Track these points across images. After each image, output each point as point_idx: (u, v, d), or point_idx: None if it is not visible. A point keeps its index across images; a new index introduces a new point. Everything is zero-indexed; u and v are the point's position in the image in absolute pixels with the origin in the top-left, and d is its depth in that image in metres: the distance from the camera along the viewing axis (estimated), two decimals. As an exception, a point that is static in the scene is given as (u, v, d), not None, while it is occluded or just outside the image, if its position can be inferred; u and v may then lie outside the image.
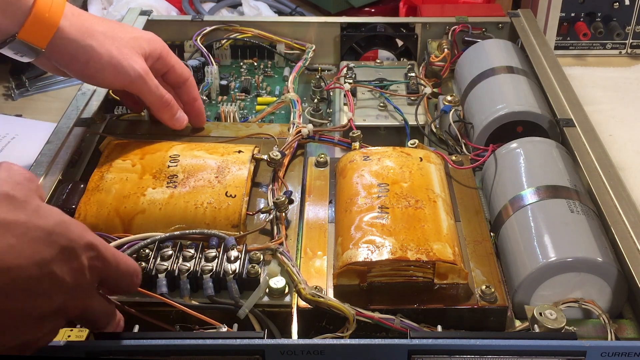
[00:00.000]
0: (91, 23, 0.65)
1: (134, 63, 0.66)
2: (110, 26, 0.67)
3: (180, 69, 0.72)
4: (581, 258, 0.54)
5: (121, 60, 0.65)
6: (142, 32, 0.71)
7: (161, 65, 0.71)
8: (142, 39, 0.69)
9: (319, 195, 0.66)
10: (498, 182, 0.66)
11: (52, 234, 0.42)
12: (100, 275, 0.46)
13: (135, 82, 0.67)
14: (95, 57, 0.64)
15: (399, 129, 0.80)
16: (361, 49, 0.96)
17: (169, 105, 0.70)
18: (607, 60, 1.09)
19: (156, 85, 0.68)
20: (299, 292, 0.53)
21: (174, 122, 0.71)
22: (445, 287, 0.55)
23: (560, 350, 0.47)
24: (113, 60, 0.65)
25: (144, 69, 0.67)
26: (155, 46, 0.69)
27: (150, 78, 0.67)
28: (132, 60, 0.66)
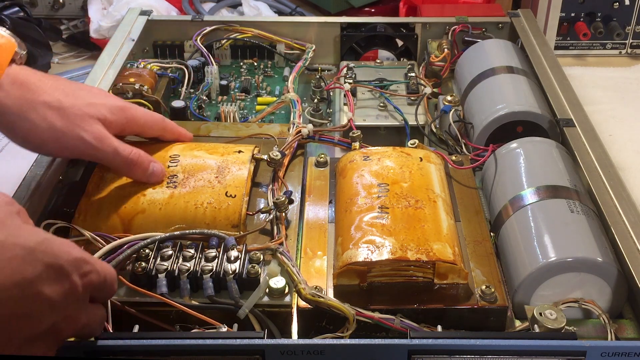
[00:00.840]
0: (33, 94, 0.58)
1: (83, 133, 0.59)
2: (59, 94, 0.60)
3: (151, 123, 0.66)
4: (581, 258, 0.54)
5: (66, 132, 0.59)
6: (104, 97, 0.63)
7: (130, 129, 0.65)
8: (102, 106, 0.61)
9: (319, 195, 0.66)
10: (498, 182, 0.66)
11: (34, 252, 0.40)
12: (94, 289, 0.45)
13: (88, 152, 0.60)
14: (34, 131, 0.58)
15: (399, 129, 0.80)
16: (361, 49, 0.96)
17: (136, 164, 0.62)
18: (607, 60, 1.09)
19: (114, 150, 0.60)
20: (299, 292, 0.53)
21: (149, 177, 0.62)
22: (445, 287, 0.55)
23: (560, 350, 0.47)
24: (56, 134, 0.58)
25: (97, 136, 0.60)
26: (117, 116, 0.62)
27: (106, 144, 0.60)
28: (81, 129, 0.59)
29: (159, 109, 0.81)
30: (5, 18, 0.96)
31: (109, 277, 0.47)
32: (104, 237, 0.58)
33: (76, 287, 0.43)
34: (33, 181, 0.64)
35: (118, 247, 0.55)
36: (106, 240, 0.57)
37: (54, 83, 0.60)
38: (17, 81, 0.58)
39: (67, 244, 0.43)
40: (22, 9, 1.01)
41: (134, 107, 0.65)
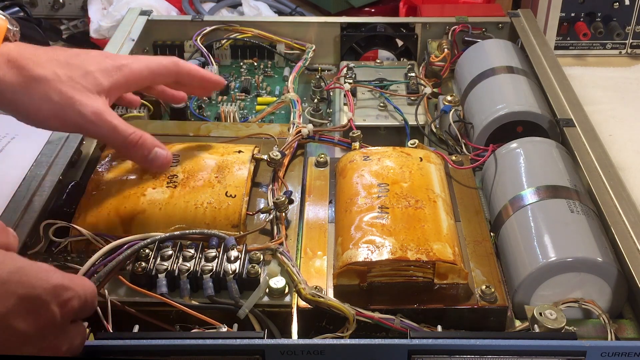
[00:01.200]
0: (29, 70, 0.57)
1: (80, 107, 0.57)
2: (55, 66, 0.58)
3: (159, 71, 0.63)
4: (581, 258, 0.54)
5: (64, 107, 0.57)
6: (99, 61, 0.60)
7: (136, 85, 0.63)
8: (98, 72, 0.59)
9: (319, 195, 0.66)
10: (498, 182, 0.66)
11: (6, 284, 0.39)
12: (75, 313, 0.44)
13: (86, 127, 0.58)
14: (34, 107, 0.57)
15: (399, 129, 0.80)
16: (361, 49, 0.96)
17: (136, 145, 0.59)
18: (607, 60, 1.09)
19: (113, 127, 0.58)
20: (299, 292, 0.53)
21: (148, 163, 0.61)
22: (445, 287, 0.55)
23: (560, 350, 0.47)
24: (55, 108, 0.57)
25: (95, 111, 0.57)
26: (114, 78, 0.60)
27: (104, 120, 0.58)
28: (79, 104, 0.57)
29: (159, 109, 0.81)
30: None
31: (90, 297, 0.45)
32: (104, 237, 0.58)
33: (55, 317, 0.41)
34: (33, 181, 0.64)
35: (118, 247, 0.55)
36: (106, 240, 0.57)
37: (49, 54, 0.59)
38: (12, 58, 0.57)
39: (45, 270, 0.41)
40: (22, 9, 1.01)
41: (133, 62, 0.62)
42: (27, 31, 0.99)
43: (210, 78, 0.67)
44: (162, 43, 0.95)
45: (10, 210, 0.61)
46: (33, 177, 0.65)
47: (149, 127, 0.75)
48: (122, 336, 0.48)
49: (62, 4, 1.15)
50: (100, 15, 1.07)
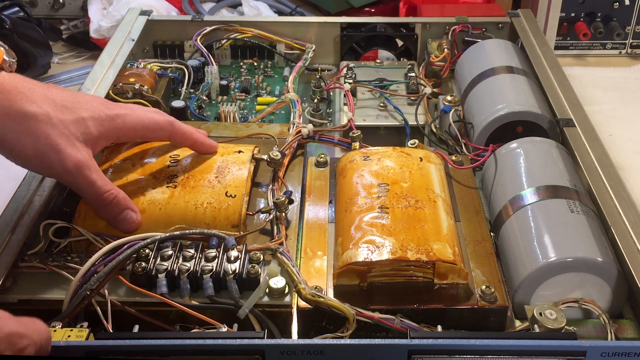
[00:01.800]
0: (22, 104, 0.55)
1: (64, 157, 0.56)
2: (48, 106, 0.56)
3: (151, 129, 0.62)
4: (581, 258, 0.54)
5: (48, 154, 0.55)
6: (94, 109, 0.59)
7: (127, 136, 0.62)
8: (91, 120, 0.58)
9: (319, 195, 0.66)
10: (498, 182, 0.66)
11: None
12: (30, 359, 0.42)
13: (64, 177, 0.57)
14: (19, 146, 0.55)
15: (399, 129, 0.80)
16: (361, 49, 0.96)
17: (108, 205, 0.58)
18: (607, 60, 1.09)
19: (91, 183, 0.57)
20: (299, 292, 0.53)
21: (117, 223, 0.58)
22: (445, 287, 0.55)
23: (560, 350, 0.47)
24: (39, 153, 0.55)
25: (77, 164, 0.56)
26: (105, 128, 0.59)
27: (83, 174, 0.57)
28: (63, 154, 0.56)
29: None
30: (5, 18, 0.96)
31: (45, 343, 0.44)
32: (104, 237, 0.58)
33: None
34: (33, 181, 0.64)
35: (118, 247, 0.55)
36: (106, 240, 0.57)
37: (44, 92, 0.57)
38: (4, 90, 0.55)
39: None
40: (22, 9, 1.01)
41: (127, 115, 0.61)
42: (27, 31, 0.99)
43: (203, 144, 0.65)
44: (162, 43, 0.95)
45: (10, 210, 0.61)
46: (33, 177, 0.65)
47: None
48: (122, 336, 0.48)
49: (62, 4, 1.15)
50: (100, 15, 1.07)
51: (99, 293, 0.53)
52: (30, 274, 0.56)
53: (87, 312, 0.53)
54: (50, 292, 0.55)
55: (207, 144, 0.66)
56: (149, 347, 0.47)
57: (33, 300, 0.54)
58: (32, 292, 0.55)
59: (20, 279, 0.56)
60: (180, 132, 0.64)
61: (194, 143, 0.65)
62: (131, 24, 0.94)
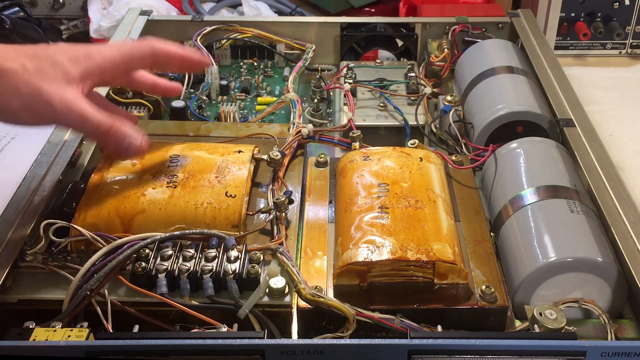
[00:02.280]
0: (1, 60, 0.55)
1: (49, 97, 0.56)
2: (23, 58, 0.56)
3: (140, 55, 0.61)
4: (581, 258, 0.54)
5: (33, 97, 0.55)
6: (69, 51, 0.59)
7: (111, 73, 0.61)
8: (69, 61, 0.58)
9: (319, 195, 0.66)
10: (498, 182, 0.66)
11: None
12: None
13: (56, 117, 0.57)
14: (3, 103, 0.55)
15: (399, 129, 0.80)
16: (361, 49, 0.96)
17: (107, 135, 0.58)
18: (607, 60, 1.09)
19: (82, 117, 0.57)
20: (299, 292, 0.53)
21: (122, 152, 0.59)
22: (445, 287, 0.55)
23: (560, 350, 0.47)
24: (24, 100, 0.55)
25: (63, 100, 0.56)
26: (87, 63, 0.58)
27: (73, 109, 0.56)
28: (47, 94, 0.56)
29: (159, 109, 0.81)
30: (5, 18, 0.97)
31: None
32: (104, 237, 0.57)
33: None
34: (33, 181, 0.64)
35: (118, 247, 0.55)
36: (106, 240, 0.57)
37: (18, 49, 0.57)
38: None
39: None
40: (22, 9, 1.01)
41: (106, 49, 0.60)
42: (27, 31, 0.99)
43: (191, 57, 0.64)
44: (162, 43, 0.95)
45: (10, 210, 0.61)
46: (33, 177, 0.65)
47: (149, 127, 0.75)
48: (122, 336, 0.48)
49: (62, 4, 1.15)
50: (100, 15, 1.07)
51: (99, 293, 0.53)
52: (30, 274, 0.56)
53: (87, 312, 0.53)
54: (50, 292, 0.55)
55: (197, 58, 0.64)
56: (149, 347, 0.47)
57: (33, 300, 0.54)
58: (32, 292, 0.55)
59: (20, 279, 0.56)
60: (162, 51, 0.62)
61: (182, 60, 0.63)
62: (131, 24, 0.94)
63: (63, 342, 0.47)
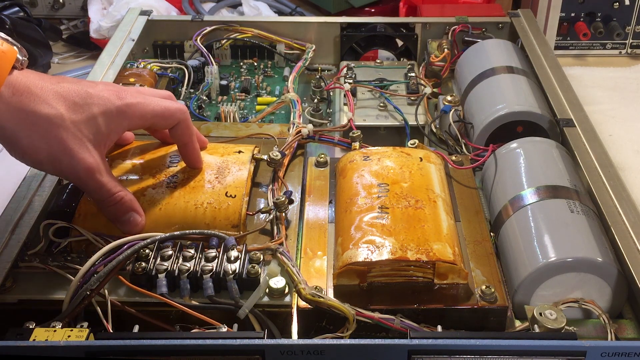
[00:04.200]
0: (35, 105, 0.54)
1: (76, 162, 0.55)
2: (61, 105, 0.55)
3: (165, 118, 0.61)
4: (581, 258, 0.54)
5: (61, 159, 0.55)
6: (108, 101, 0.58)
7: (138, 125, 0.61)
8: (103, 116, 0.57)
9: (319, 195, 0.66)
10: (498, 182, 0.66)
11: None
12: None
13: (75, 180, 0.58)
14: (32, 149, 0.55)
15: (399, 129, 0.80)
16: (361, 49, 0.96)
17: (114, 205, 0.58)
18: (607, 60, 1.09)
19: (100, 186, 0.57)
20: (299, 292, 0.53)
21: (122, 224, 0.59)
22: (445, 287, 0.55)
23: (560, 350, 0.47)
24: (52, 157, 0.55)
25: (88, 168, 0.56)
26: (119, 120, 0.58)
27: (94, 178, 0.57)
28: (76, 158, 0.55)
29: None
30: (5, 18, 0.96)
31: None
32: (104, 237, 0.58)
33: None
34: (33, 181, 0.64)
35: (118, 247, 0.55)
36: (106, 240, 0.57)
37: (56, 89, 0.56)
38: (17, 91, 0.54)
39: None
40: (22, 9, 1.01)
41: (139, 104, 0.59)
42: (27, 31, 0.99)
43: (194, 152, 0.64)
44: (162, 43, 0.95)
45: (10, 210, 0.61)
46: (33, 177, 0.65)
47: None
48: (122, 336, 0.48)
49: (62, 4, 1.15)
50: (100, 15, 1.07)
51: (99, 293, 0.53)
52: (30, 274, 0.56)
53: (87, 312, 0.53)
54: (50, 292, 0.55)
55: (198, 155, 0.64)
56: (149, 347, 0.47)
57: (33, 300, 0.54)
58: (32, 292, 0.55)
59: (20, 279, 0.56)
60: (186, 124, 0.63)
61: (189, 143, 0.63)
62: (131, 24, 0.94)
63: (63, 342, 0.47)
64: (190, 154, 0.63)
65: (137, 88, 0.63)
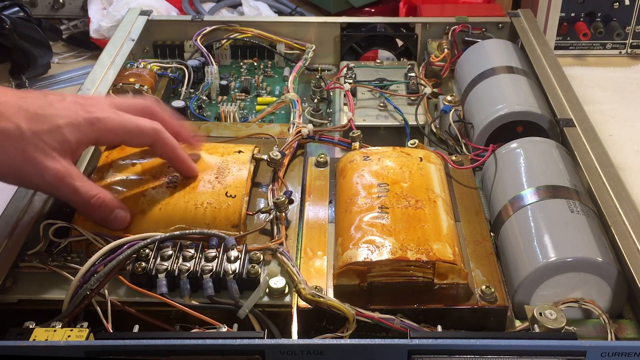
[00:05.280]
0: None
1: (43, 170, 0.54)
2: (21, 119, 0.54)
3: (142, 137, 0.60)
4: (581, 258, 0.54)
5: (25, 169, 0.54)
6: (72, 113, 0.56)
7: (108, 139, 0.60)
8: (69, 127, 0.55)
9: (319, 195, 0.66)
10: (498, 182, 0.66)
11: None
12: None
13: (46, 189, 0.58)
14: None
15: (399, 129, 0.80)
16: (361, 49, 0.96)
17: (97, 209, 0.57)
18: (607, 60, 1.09)
19: (74, 190, 0.56)
20: (299, 292, 0.53)
21: (109, 223, 0.58)
22: (445, 287, 0.55)
23: (560, 350, 0.47)
24: (15, 169, 0.54)
25: (57, 174, 0.55)
26: (87, 131, 0.57)
27: (66, 184, 0.56)
28: (41, 167, 0.54)
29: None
30: (5, 18, 0.96)
31: None
32: (104, 237, 0.58)
33: None
34: (33, 181, 0.64)
35: (118, 247, 0.55)
36: (106, 240, 0.57)
37: (18, 103, 0.55)
38: None
39: None
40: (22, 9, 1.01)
41: (108, 118, 0.58)
42: (27, 31, 0.99)
43: (183, 163, 0.62)
44: (162, 43, 0.95)
45: (10, 210, 0.61)
46: (33, 177, 0.65)
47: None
48: (122, 336, 0.48)
49: (62, 4, 1.15)
50: (100, 15, 1.07)
51: (99, 293, 0.53)
52: (30, 274, 0.56)
53: (87, 312, 0.53)
54: (50, 292, 0.55)
55: (188, 166, 0.62)
56: (149, 347, 0.47)
57: (33, 300, 0.54)
58: (32, 292, 0.55)
59: (20, 279, 0.56)
60: (162, 142, 0.61)
61: (174, 158, 0.62)
62: (131, 24, 0.94)
63: (63, 342, 0.47)
64: (179, 167, 0.62)
65: (114, 101, 0.61)
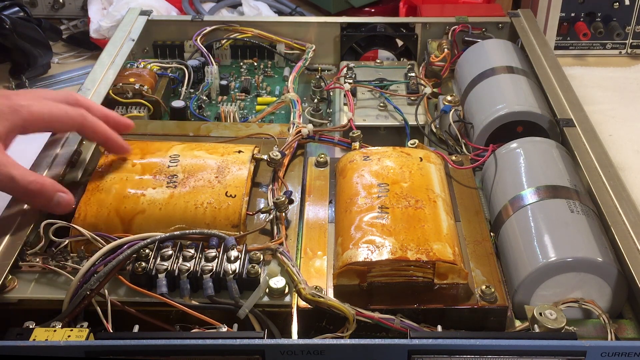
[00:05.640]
0: None
1: None
2: None
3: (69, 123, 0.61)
4: (581, 258, 0.54)
5: None
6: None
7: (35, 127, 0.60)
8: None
9: (319, 195, 0.66)
10: (498, 182, 0.66)
11: None
12: None
13: None
14: None
15: (399, 129, 0.80)
16: (361, 49, 0.96)
17: (37, 195, 0.57)
18: (607, 60, 1.09)
19: (11, 178, 0.56)
20: (299, 292, 0.53)
21: (51, 208, 0.58)
22: (445, 287, 0.55)
23: (560, 350, 0.47)
24: None
25: None
26: (13, 119, 0.57)
27: (3, 172, 0.55)
28: None
29: (159, 109, 0.81)
30: (5, 18, 0.97)
31: None
32: (104, 237, 0.58)
33: None
34: (33, 181, 0.64)
35: (118, 247, 0.55)
36: (106, 240, 0.57)
37: None
38: None
39: None
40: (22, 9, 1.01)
41: (33, 105, 0.59)
42: (27, 31, 0.99)
43: (114, 143, 0.63)
44: (162, 43, 0.95)
45: (11, 210, 0.61)
46: (33, 177, 0.65)
47: (149, 127, 0.75)
48: (122, 336, 0.48)
49: (62, 4, 1.15)
50: (100, 15, 1.07)
51: (99, 293, 0.53)
52: (30, 274, 0.56)
53: (87, 312, 0.53)
54: (50, 292, 0.55)
55: (119, 144, 0.63)
56: (149, 347, 0.47)
57: (33, 300, 0.54)
58: (32, 292, 0.55)
59: (20, 279, 0.56)
60: (90, 126, 0.62)
61: (105, 140, 0.63)
62: (131, 24, 0.94)
63: (63, 342, 0.47)
64: (111, 147, 0.64)
65: (37, 92, 0.62)
